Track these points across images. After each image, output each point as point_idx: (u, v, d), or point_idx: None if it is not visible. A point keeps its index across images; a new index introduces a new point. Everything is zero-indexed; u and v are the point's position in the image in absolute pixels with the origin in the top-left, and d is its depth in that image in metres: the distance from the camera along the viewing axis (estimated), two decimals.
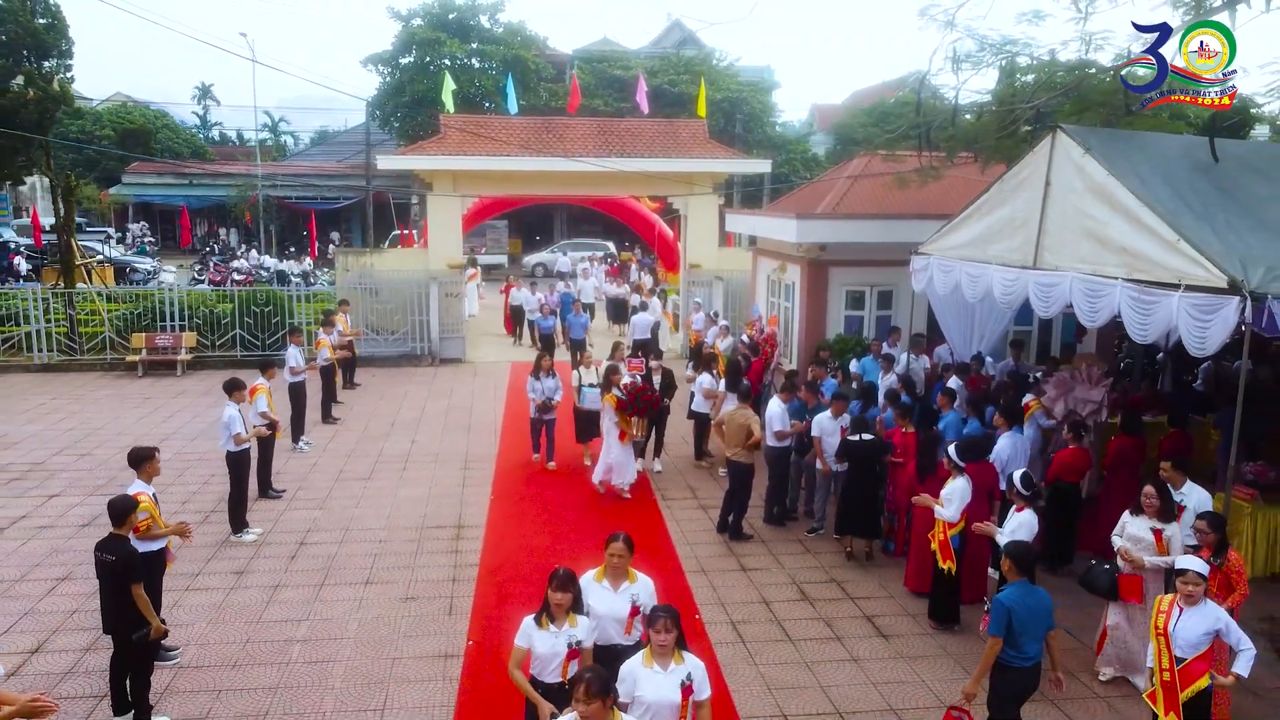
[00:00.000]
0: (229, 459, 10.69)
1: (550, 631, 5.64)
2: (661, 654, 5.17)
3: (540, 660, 5.64)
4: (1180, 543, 7.52)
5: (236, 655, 8.07)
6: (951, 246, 12.26)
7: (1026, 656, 6.16)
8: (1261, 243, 8.58)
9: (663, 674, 5.13)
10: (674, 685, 5.09)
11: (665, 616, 5.20)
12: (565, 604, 5.61)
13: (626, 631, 6.03)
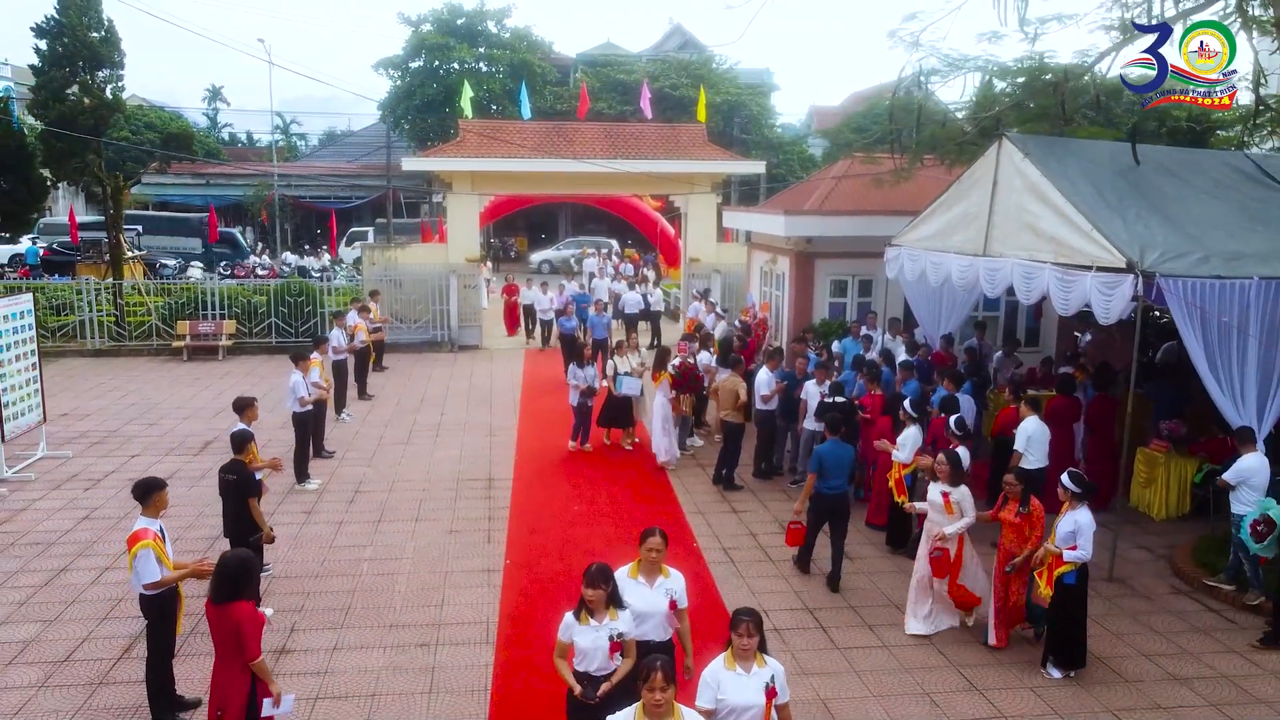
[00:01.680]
0: (295, 419, 12.53)
1: (591, 626, 5.66)
2: (744, 656, 5.15)
3: (584, 654, 5.67)
4: (971, 505, 8.44)
5: (316, 569, 9.88)
6: (918, 238, 14.08)
7: (831, 488, 9.49)
8: (1161, 232, 10.37)
9: (746, 676, 5.12)
10: (758, 688, 5.08)
11: (748, 620, 5.15)
12: (600, 600, 5.65)
13: (665, 626, 6.10)
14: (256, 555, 8.49)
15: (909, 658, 8.21)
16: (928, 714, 7.32)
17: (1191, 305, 9.51)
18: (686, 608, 6.16)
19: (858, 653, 8.28)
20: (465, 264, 23.63)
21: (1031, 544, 8.03)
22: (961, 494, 8.45)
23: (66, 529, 10.96)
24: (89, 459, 13.84)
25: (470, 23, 49.17)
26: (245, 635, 5.66)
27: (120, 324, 22.57)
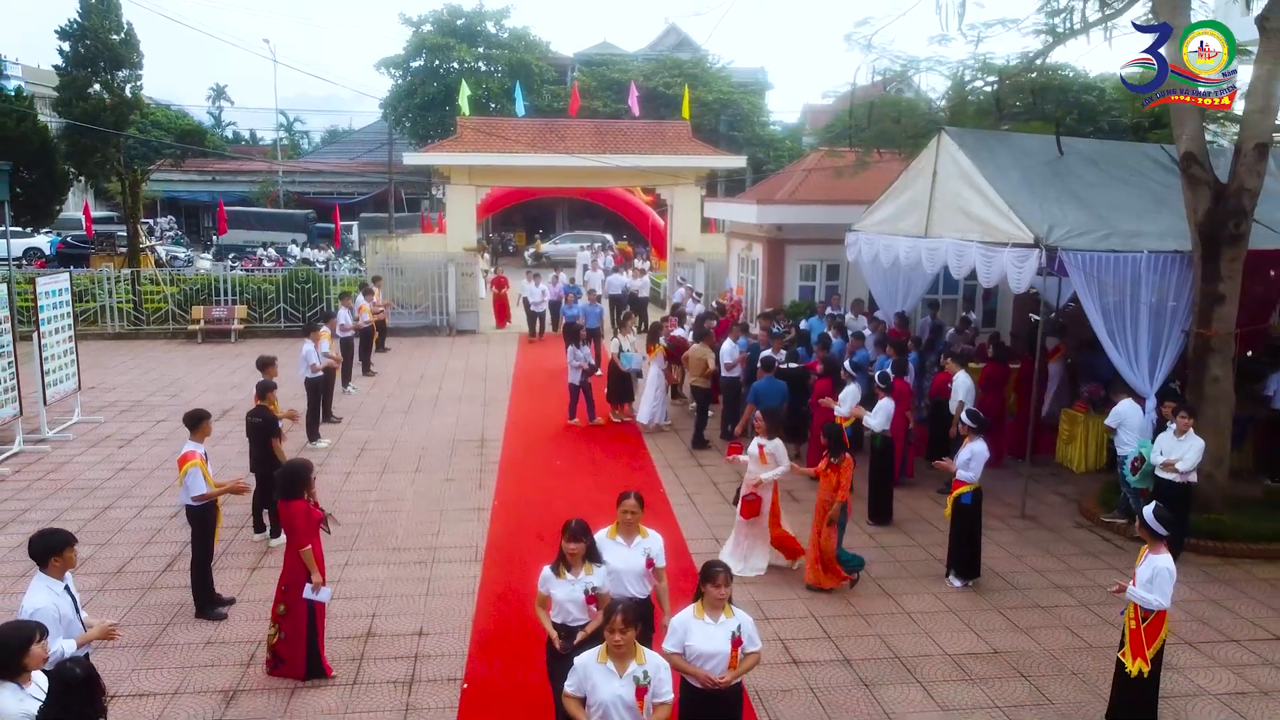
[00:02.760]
0: (307, 384, 13.99)
1: (568, 580, 5.93)
2: (715, 607, 5.36)
3: (560, 606, 5.94)
4: (784, 455, 9.29)
5: (329, 506, 11.24)
6: (873, 224, 15.49)
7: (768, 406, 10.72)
8: (1072, 213, 11.78)
9: (714, 625, 5.32)
10: (725, 637, 5.29)
11: (723, 571, 5.38)
12: (579, 553, 5.92)
13: (644, 583, 6.34)
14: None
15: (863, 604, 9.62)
16: (846, 610, 8.75)
17: (1090, 275, 10.94)
18: (664, 567, 6.41)
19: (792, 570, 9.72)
20: (463, 253, 25.05)
21: (840, 494, 8.90)
22: (775, 446, 9.25)
23: (106, 478, 12.40)
24: (119, 423, 15.27)
25: (470, 23, 50.61)
26: (296, 528, 7.08)
27: (138, 309, 23.99)
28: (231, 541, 10.00)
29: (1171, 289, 11.14)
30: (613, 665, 4.90)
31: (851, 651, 7.99)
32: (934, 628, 8.45)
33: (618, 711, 4.82)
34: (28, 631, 4.47)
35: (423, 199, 53.15)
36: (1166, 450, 9.58)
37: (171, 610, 8.54)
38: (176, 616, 8.42)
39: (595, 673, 4.90)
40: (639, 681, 4.88)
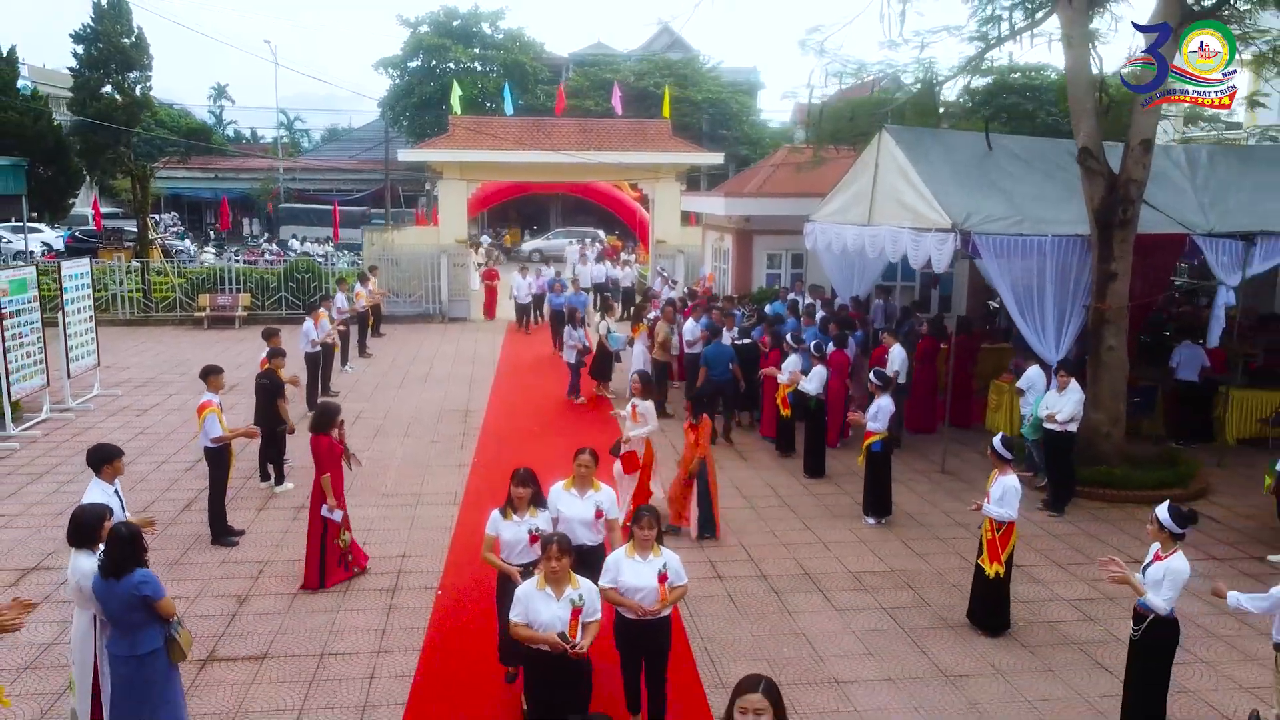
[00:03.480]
0: (307, 358, 15.40)
1: (514, 521, 6.59)
2: (643, 546, 5.97)
3: (507, 545, 6.57)
4: (654, 415, 10.11)
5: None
6: (826, 214, 16.88)
7: (717, 374, 13.11)
8: (991, 202, 13.14)
9: (643, 563, 5.94)
10: (652, 573, 5.93)
11: (649, 515, 6.02)
12: (525, 496, 6.58)
13: (594, 532, 6.93)
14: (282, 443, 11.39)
15: (770, 514, 11.06)
16: (773, 541, 10.16)
17: (1000, 257, 12.33)
18: (616, 518, 6.99)
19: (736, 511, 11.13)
20: (455, 245, 26.46)
21: (699, 451, 9.91)
22: (646, 407, 10.03)
23: (126, 439, 13.78)
24: (135, 396, 16.68)
25: (466, 24, 51.99)
26: (319, 458, 8.53)
27: (147, 298, 25.40)
28: (241, 489, 11.40)
29: (1074, 268, 12.55)
30: (550, 590, 5.52)
31: (769, 570, 9.41)
32: (843, 554, 9.88)
33: (555, 630, 5.46)
34: (100, 511, 5.91)
35: (420, 196, 54.54)
36: (1050, 404, 11.00)
37: (190, 540, 9.95)
38: (195, 544, 9.84)
39: (535, 598, 5.54)
40: (574, 603, 5.51)
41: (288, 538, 10.04)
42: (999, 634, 8.05)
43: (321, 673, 7.30)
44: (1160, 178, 14.34)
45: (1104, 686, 7.15)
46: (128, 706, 5.64)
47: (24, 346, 14.10)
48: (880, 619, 8.39)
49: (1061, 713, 6.89)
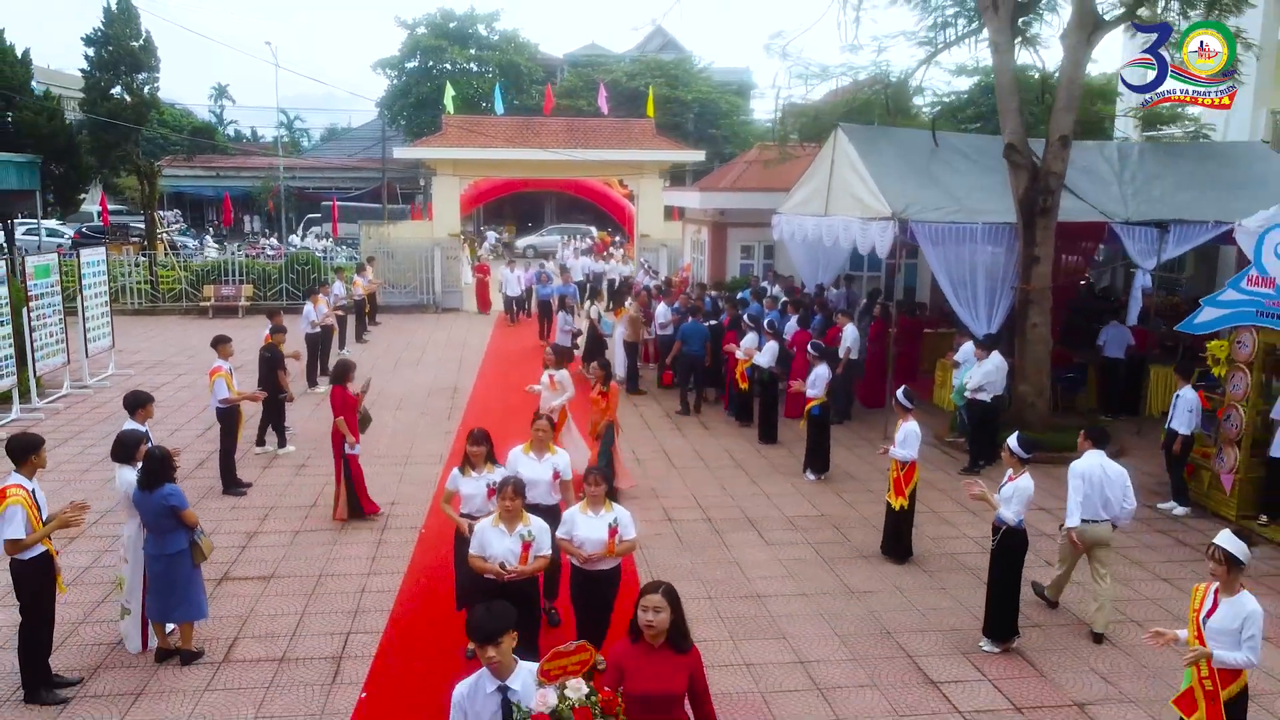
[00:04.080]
0: (307, 339, 16.65)
1: (471, 477, 7.15)
2: (594, 502, 6.48)
3: (467, 499, 7.13)
4: (570, 384, 10.96)
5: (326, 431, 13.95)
6: (790, 207, 18.18)
7: (690, 349, 14.81)
8: (931, 194, 14.40)
9: (595, 518, 6.44)
10: (603, 526, 6.42)
11: (597, 473, 6.57)
12: (481, 454, 7.15)
13: (550, 493, 7.38)
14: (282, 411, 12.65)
15: (722, 472, 12.33)
16: (721, 493, 11.43)
17: (935, 242, 13.60)
18: (570, 479, 7.40)
19: (692, 470, 12.39)
20: (448, 238, 27.71)
21: (608, 415, 10.64)
22: (562, 375, 10.88)
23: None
24: (147, 376, 17.95)
25: (462, 26, 53.24)
26: (335, 405, 9.93)
27: (154, 289, 26.66)
28: (247, 451, 12.65)
29: (1002, 253, 13.81)
30: (503, 527, 6.18)
31: (714, 515, 10.68)
32: (781, 502, 11.15)
33: (508, 562, 6.10)
34: (139, 435, 7.21)
35: (416, 194, 55.79)
36: (971, 375, 12.26)
37: (204, 491, 11.21)
38: (208, 494, 11.10)
39: (490, 533, 6.20)
40: (524, 538, 6.14)
41: (290, 489, 11.33)
42: (904, 561, 9.32)
43: (320, 589, 8.58)
44: (1090, 172, 15.68)
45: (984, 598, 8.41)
46: (161, 595, 6.92)
47: (47, 326, 15.36)
48: (804, 551, 9.67)
49: (944, 618, 8.16)
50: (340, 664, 7.23)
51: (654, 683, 4.50)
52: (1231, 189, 15.04)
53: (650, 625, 4.51)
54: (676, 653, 4.60)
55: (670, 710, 4.56)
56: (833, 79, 18.61)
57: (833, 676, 7.15)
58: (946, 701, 6.83)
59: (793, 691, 6.94)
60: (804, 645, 7.63)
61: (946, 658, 7.47)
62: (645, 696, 4.47)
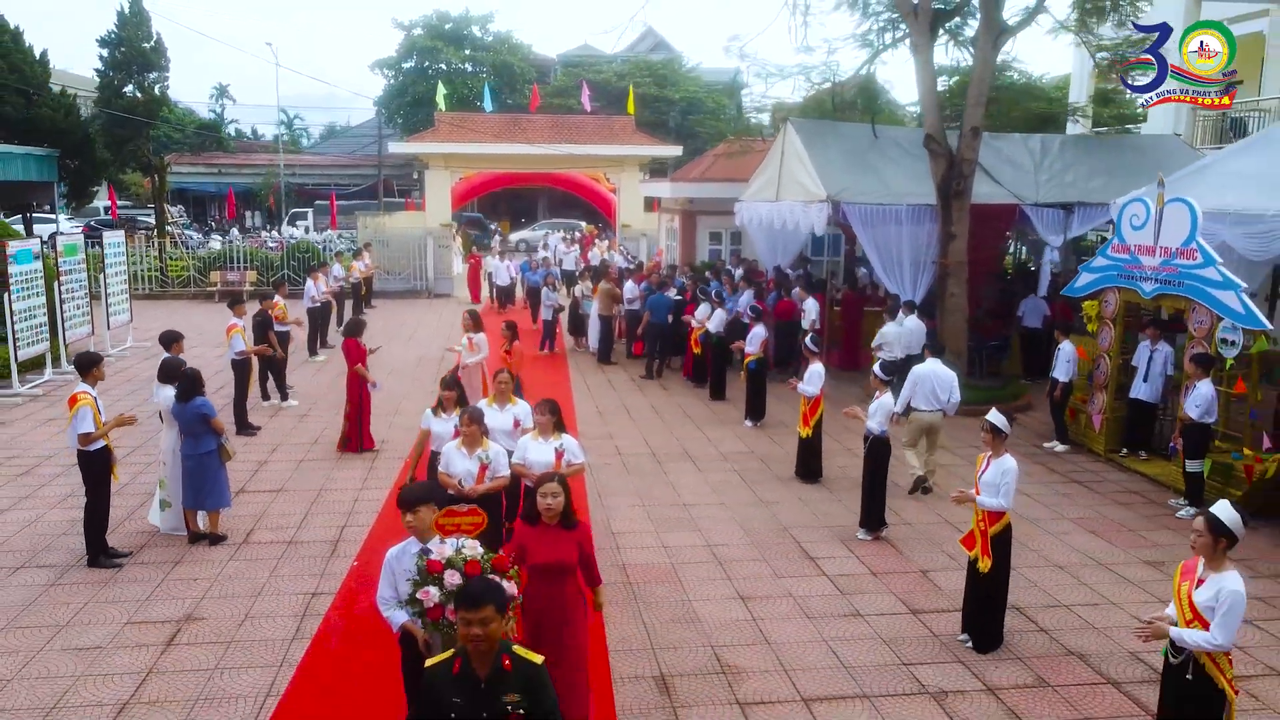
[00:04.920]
0: (308, 313, 18.40)
1: (443, 418, 8.02)
2: (544, 430, 7.34)
3: (437, 437, 8.01)
4: (486, 345, 12.33)
5: (325, 393, 15.73)
6: (749, 195, 19.91)
7: (657, 318, 16.54)
8: (865, 180, 16.13)
9: (544, 444, 7.29)
10: (550, 451, 7.24)
11: (546, 404, 7.45)
12: (451, 398, 8.14)
13: (511, 439, 7.91)
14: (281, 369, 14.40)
15: (672, 422, 14.08)
16: (668, 435, 13.18)
17: (864, 222, 15.36)
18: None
19: (646, 419, 14.16)
20: (440, 228, 29.48)
21: (516, 368, 11.46)
22: (479, 338, 12.13)
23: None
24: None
25: (457, 27, 54.99)
26: (349, 355, 11.81)
27: (164, 275, 28.42)
28: (255, 405, 14.39)
29: (924, 231, 15.57)
30: (464, 450, 7.12)
31: (657, 450, 12.47)
32: (719, 443, 12.93)
33: (467, 481, 7.02)
34: (179, 362, 8.99)
35: (412, 190, 57.57)
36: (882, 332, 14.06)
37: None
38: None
39: (454, 454, 7.21)
40: (481, 460, 7.05)
41: (294, 431, 13.11)
42: (812, 481, 11.09)
43: (320, 498, 10.35)
44: (1012, 161, 17.47)
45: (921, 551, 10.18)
46: (195, 488, 8.69)
47: (74, 299, 17.12)
48: (730, 476, 11.44)
49: (833, 519, 9.91)
50: (337, 545, 9.00)
51: (551, 553, 5.46)
52: (1137, 177, 16.72)
53: (549, 508, 5.45)
54: (567, 529, 5.55)
55: (564, 574, 5.53)
56: (789, 78, 20.28)
57: (731, 554, 8.92)
58: (818, 569, 8.61)
59: (698, 563, 8.70)
60: (714, 536, 9.41)
61: (827, 544, 9.24)
62: (544, 565, 5.44)
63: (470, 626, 3.83)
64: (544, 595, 5.48)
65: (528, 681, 3.90)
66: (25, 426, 13.28)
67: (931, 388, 10.12)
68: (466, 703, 3.82)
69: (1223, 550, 4.88)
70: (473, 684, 3.85)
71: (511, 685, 3.86)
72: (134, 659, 6.76)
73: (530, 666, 3.94)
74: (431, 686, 3.92)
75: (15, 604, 7.61)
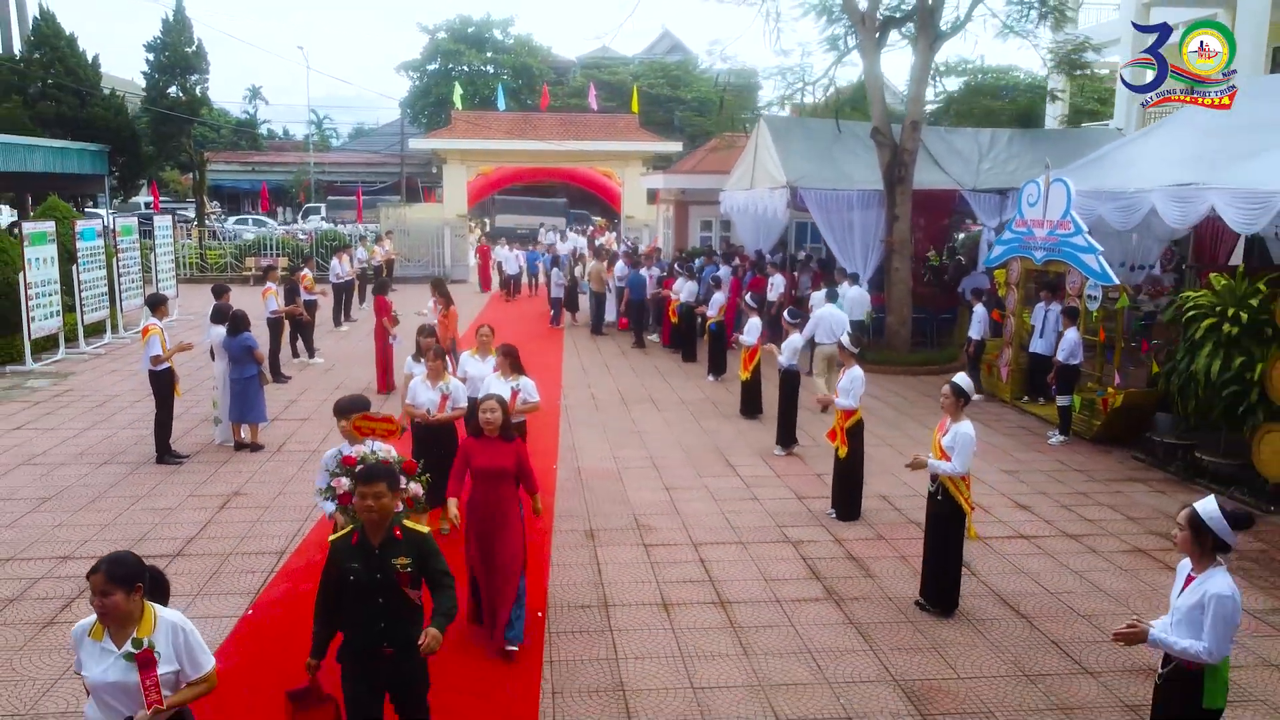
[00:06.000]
0: (334, 287, 20.71)
1: (420, 363, 8.68)
2: (503, 370, 8.42)
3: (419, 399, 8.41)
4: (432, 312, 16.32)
5: (348, 355, 17.98)
6: (730, 185, 22.02)
7: (637, 295, 18.30)
8: (821, 168, 18.16)
9: (502, 382, 8.26)
10: (507, 388, 8.12)
11: (504, 348, 8.50)
12: (429, 345, 8.70)
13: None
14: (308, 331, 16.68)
15: (645, 377, 16.21)
16: (638, 386, 15.30)
17: (819, 206, 17.41)
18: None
19: (622, 374, 16.29)
20: (456, 219, 31.77)
21: (450, 333, 13.23)
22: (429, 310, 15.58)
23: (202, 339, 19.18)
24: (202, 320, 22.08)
25: (479, 31, 57.38)
26: (378, 310, 13.96)
27: (203, 260, 30.92)
28: (287, 362, 16.66)
29: (873, 213, 17.58)
30: (429, 382, 8.26)
31: (625, 395, 14.61)
32: (682, 392, 15.04)
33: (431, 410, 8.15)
34: (228, 307, 11.22)
35: (436, 187, 60.05)
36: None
37: None
38: None
39: (419, 387, 8.29)
40: (443, 392, 8.21)
41: (320, 381, 15.39)
42: (752, 417, 13.17)
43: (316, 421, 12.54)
44: (959, 153, 19.44)
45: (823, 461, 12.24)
46: (239, 405, 10.95)
47: (129, 274, 19.52)
48: (684, 414, 13.55)
49: (761, 443, 11.98)
50: None
51: (490, 460, 6.27)
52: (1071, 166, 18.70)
53: (488, 421, 6.27)
54: (505, 441, 6.34)
55: (502, 479, 6.30)
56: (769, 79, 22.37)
57: (667, 463, 11.04)
58: (734, 472, 10.71)
59: (639, 468, 10.82)
60: (656, 451, 11.53)
61: (747, 457, 11.34)
62: (485, 470, 6.26)
63: (365, 499, 4.42)
64: (485, 496, 6.32)
65: (416, 548, 4.50)
66: (94, 375, 15.67)
67: (829, 325, 12.29)
68: (362, 566, 4.43)
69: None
70: (368, 551, 4.45)
71: (402, 550, 4.46)
72: (196, 515, 9.00)
73: (419, 535, 4.57)
74: (334, 554, 4.56)
75: (104, 483, 9.90)
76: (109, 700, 3.84)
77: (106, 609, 3.78)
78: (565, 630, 6.81)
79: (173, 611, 4.00)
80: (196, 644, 3.98)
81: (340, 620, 4.56)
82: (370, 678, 4.55)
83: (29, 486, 9.81)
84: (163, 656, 3.86)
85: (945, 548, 7.05)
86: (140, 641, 3.83)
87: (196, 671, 3.97)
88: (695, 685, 6.08)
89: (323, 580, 4.62)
